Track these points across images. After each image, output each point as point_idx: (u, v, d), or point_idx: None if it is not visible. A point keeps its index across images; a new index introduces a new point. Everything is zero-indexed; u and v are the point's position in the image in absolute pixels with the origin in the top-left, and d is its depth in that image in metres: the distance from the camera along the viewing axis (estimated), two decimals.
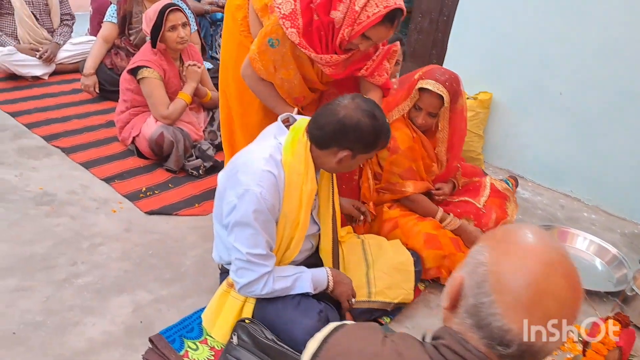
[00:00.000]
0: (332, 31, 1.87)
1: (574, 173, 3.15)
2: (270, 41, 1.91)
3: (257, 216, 1.58)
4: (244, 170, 1.63)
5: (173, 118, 2.77)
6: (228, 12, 2.22)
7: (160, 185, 2.68)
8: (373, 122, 1.60)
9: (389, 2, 1.77)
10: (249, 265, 1.62)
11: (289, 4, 1.84)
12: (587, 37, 2.86)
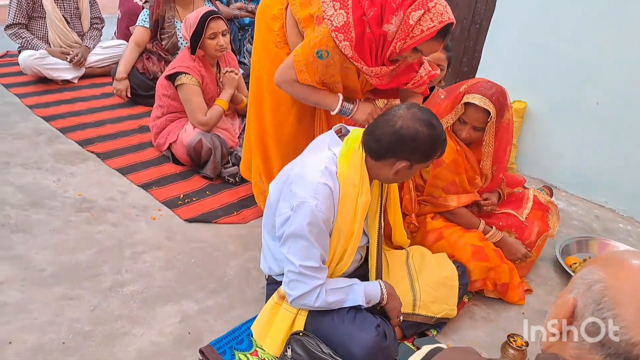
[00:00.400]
0: (383, 43, 1.85)
1: (608, 184, 3.12)
2: (319, 53, 1.87)
3: (311, 229, 1.58)
4: (298, 182, 1.62)
5: (211, 125, 2.76)
6: (261, 22, 2.14)
7: (197, 192, 2.68)
8: (431, 131, 1.58)
9: (444, 17, 1.76)
10: (302, 278, 1.61)
11: (341, 16, 1.82)
12: (625, 47, 2.83)
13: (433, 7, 1.75)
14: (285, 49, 2.09)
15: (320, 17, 1.86)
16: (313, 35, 1.90)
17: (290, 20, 2.04)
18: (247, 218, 2.53)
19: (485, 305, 2.25)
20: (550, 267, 2.57)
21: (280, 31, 2.08)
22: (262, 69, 2.16)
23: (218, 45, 2.74)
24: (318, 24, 1.88)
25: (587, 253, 2.66)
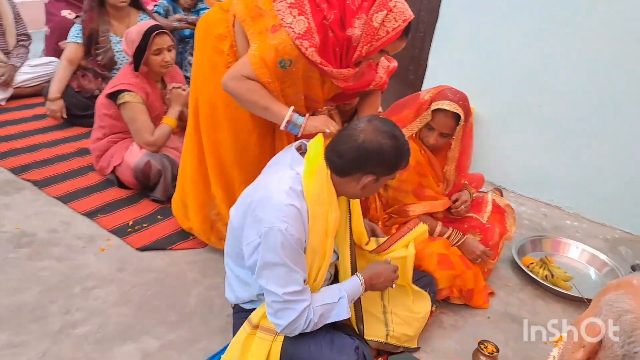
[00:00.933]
0: (348, 47, 1.81)
1: (554, 182, 3.23)
2: (282, 62, 1.79)
3: (285, 253, 1.50)
4: (263, 206, 1.54)
5: (159, 145, 2.62)
6: (207, 43, 1.98)
7: (148, 217, 2.53)
8: (394, 142, 1.56)
9: (406, 15, 1.75)
10: (288, 305, 1.53)
11: (302, 22, 1.75)
12: (564, 51, 2.95)
13: (394, 6, 1.72)
14: None
15: (277, 26, 1.78)
16: (271, 42, 1.78)
17: (242, 39, 1.93)
18: (204, 242, 2.41)
19: (453, 312, 2.25)
20: (508, 268, 2.62)
21: (230, 51, 1.96)
22: (216, 94, 2.00)
23: (164, 62, 2.62)
24: (274, 32, 1.78)
25: (542, 252, 2.74)
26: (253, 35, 1.85)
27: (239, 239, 1.64)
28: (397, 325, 1.90)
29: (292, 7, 1.76)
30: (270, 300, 1.55)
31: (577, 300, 2.38)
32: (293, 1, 1.77)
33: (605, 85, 2.89)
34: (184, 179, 2.30)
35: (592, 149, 3.05)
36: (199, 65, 2.06)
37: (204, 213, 2.27)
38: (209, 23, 2.01)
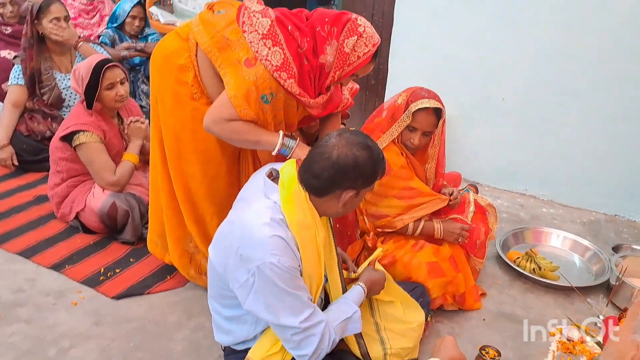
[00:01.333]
0: (320, 74, 1.79)
1: (525, 172, 3.26)
2: (264, 97, 1.74)
3: (285, 283, 1.43)
4: (247, 244, 1.46)
5: (122, 184, 2.49)
6: (167, 75, 1.89)
7: (120, 262, 2.39)
8: (369, 153, 1.51)
9: (374, 39, 1.78)
10: (309, 332, 1.47)
11: (277, 54, 1.71)
12: (522, 45, 2.98)
13: (364, 31, 1.75)
14: (203, 100, 1.90)
15: (253, 59, 1.73)
16: (249, 78, 1.73)
17: (208, 69, 1.85)
18: (183, 280, 2.28)
19: (447, 319, 2.21)
20: (494, 265, 2.60)
21: (194, 81, 1.88)
22: (180, 127, 1.92)
23: (118, 96, 2.48)
24: (249, 67, 1.73)
25: (525, 244, 2.74)
26: (223, 67, 1.78)
27: (224, 281, 1.55)
28: (393, 341, 1.83)
29: (265, 38, 1.71)
30: (289, 334, 1.47)
31: (566, 289, 2.37)
32: (265, 32, 1.72)
33: (563, 72, 2.93)
34: (158, 212, 2.19)
35: (557, 136, 3.09)
36: (160, 97, 1.96)
37: (182, 247, 2.17)
38: (168, 52, 1.91)
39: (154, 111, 2.02)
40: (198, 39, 1.82)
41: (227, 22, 1.81)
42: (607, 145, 2.98)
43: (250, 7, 1.79)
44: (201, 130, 1.89)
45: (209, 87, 1.88)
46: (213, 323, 1.74)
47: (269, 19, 1.75)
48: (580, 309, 2.31)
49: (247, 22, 1.76)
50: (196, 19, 1.89)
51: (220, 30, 1.78)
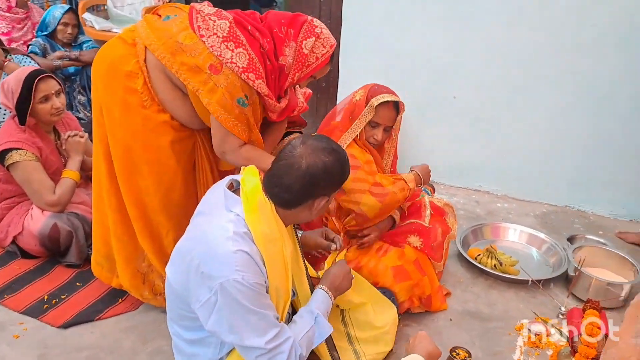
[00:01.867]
0: (279, 75, 1.76)
1: (478, 168, 3.30)
2: (240, 101, 1.68)
3: (250, 301, 1.35)
4: (209, 261, 1.37)
5: (63, 203, 2.31)
6: (114, 83, 1.78)
7: (65, 287, 2.21)
8: (337, 156, 1.49)
9: (331, 40, 1.81)
10: (275, 351, 1.39)
11: (242, 55, 1.66)
12: (471, 44, 3.00)
13: (321, 32, 1.77)
14: (154, 108, 1.79)
15: (218, 64, 1.66)
16: (220, 86, 1.67)
17: (159, 74, 1.75)
18: (136, 302, 2.14)
19: (415, 322, 2.18)
20: (456, 263, 2.59)
21: (144, 88, 1.76)
22: (130, 137, 1.80)
23: (53, 109, 2.31)
24: (216, 73, 1.66)
25: (484, 240, 2.76)
26: (182, 73, 1.69)
27: (185, 301, 1.45)
28: (367, 348, 1.81)
29: (226, 40, 1.65)
30: (254, 356, 1.39)
31: (526, 283, 2.39)
32: (225, 34, 1.66)
33: (511, 70, 2.98)
34: (104, 232, 2.05)
35: (507, 132, 3.13)
36: (105, 107, 1.82)
37: (133, 267, 2.03)
38: (113, 59, 1.79)
39: (97, 123, 1.88)
40: (148, 44, 1.72)
41: (180, 27, 1.72)
42: (554, 139, 3.05)
43: (203, 11, 1.73)
44: (153, 140, 1.81)
45: (160, 93, 1.78)
46: (173, 347, 1.63)
47: (227, 21, 1.69)
48: (542, 301, 2.34)
49: (203, 27, 1.69)
50: (142, 23, 1.80)
51: (172, 36, 1.70)
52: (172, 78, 1.74)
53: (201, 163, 1.98)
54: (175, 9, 1.82)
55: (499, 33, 2.92)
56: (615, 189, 3.03)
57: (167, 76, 1.75)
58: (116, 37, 1.86)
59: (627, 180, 2.98)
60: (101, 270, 2.12)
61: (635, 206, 3.02)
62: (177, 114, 1.83)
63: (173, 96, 1.78)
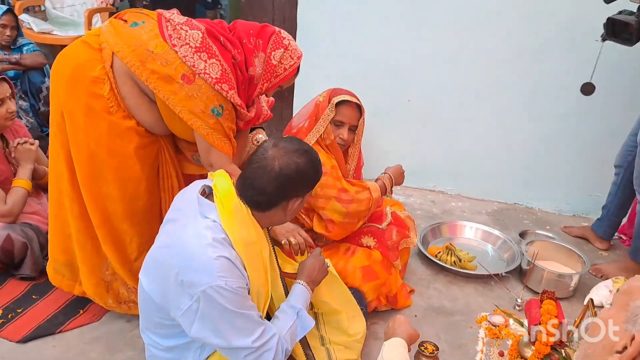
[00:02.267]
0: (249, 85, 1.79)
1: (433, 169, 3.41)
2: (214, 111, 1.68)
3: (234, 305, 1.35)
4: (189, 269, 1.35)
5: (16, 213, 2.20)
6: (79, 88, 1.72)
7: (20, 300, 2.11)
8: (309, 157, 1.50)
9: (298, 52, 1.89)
10: (262, 349, 1.40)
11: (215, 66, 1.66)
12: (426, 49, 3.10)
13: (289, 44, 1.84)
14: (119, 114, 1.75)
15: (190, 75, 1.65)
16: (195, 97, 1.67)
17: (127, 80, 1.72)
18: (99, 313, 2.07)
19: (382, 320, 2.22)
20: (417, 261, 2.67)
21: (110, 94, 1.72)
22: (94, 143, 1.75)
23: (8, 113, 2.21)
24: (189, 83, 1.65)
25: (442, 238, 2.86)
26: (152, 82, 1.68)
27: (162, 310, 1.43)
28: (339, 353, 1.82)
29: (199, 51, 1.65)
30: (242, 356, 1.39)
31: (484, 277, 2.51)
32: (198, 45, 1.66)
33: (464, 74, 3.10)
34: (63, 241, 1.98)
35: (460, 134, 3.26)
36: (68, 112, 1.76)
37: (97, 276, 1.97)
38: (78, 63, 1.74)
39: (58, 128, 1.81)
40: (116, 50, 1.69)
41: (150, 35, 1.70)
42: (504, 140, 3.20)
43: (174, 20, 1.72)
44: (118, 146, 1.78)
45: (127, 99, 1.75)
46: (148, 356, 1.59)
47: (199, 31, 1.69)
48: (499, 294, 2.45)
49: (175, 36, 1.68)
50: (108, 28, 1.75)
51: (143, 44, 1.68)
52: (139, 85, 1.72)
53: (165, 168, 1.95)
54: (142, 15, 1.79)
55: (452, 39, 3.04)
56: (560, 187, 3.21)
57: (135, 82, 1.72)
58: (79, 40, 1.81)
59: (570, 179, 3.17)
60: (62, 279, 2.04)
61: (578, 202, 3.22)
62: (143, 119, 1.80)
63: (140, 102, 1.76)
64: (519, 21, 2.92)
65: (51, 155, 1.89)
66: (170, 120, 1.79)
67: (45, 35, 4.52)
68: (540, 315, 1.93)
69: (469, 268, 2.56)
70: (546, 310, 1.95)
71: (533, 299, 2.14)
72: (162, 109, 1.76)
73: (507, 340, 2.16)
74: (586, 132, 3.03)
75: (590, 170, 3.10)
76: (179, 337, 1.45)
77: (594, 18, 2.49)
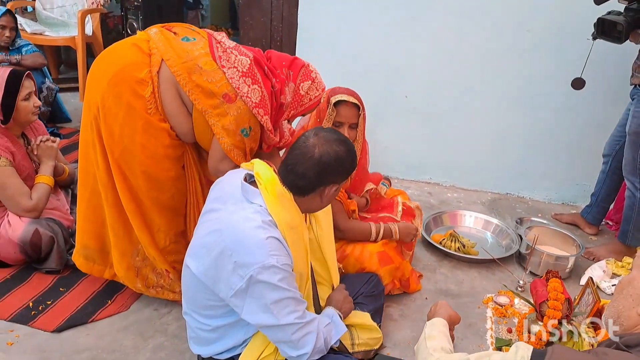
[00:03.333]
0: (278, 111, 1.93)
1: (428, 162, 3.56)
2: (243, 131, 1.83)
3: (283, 281, 1.45)
4: (241, 250, 1.44)
5: (40, 209, 2.25)
6: (124, 85, 1.81)
7: (49, 293, 2.17)
8: (347, 146, 1.59)
9: (322, 84, 2.03)
10: (306, 328, 1.51)
11: (257, 92, 1.80)
12: (421, 46, 3.25)
13: (315, 77, 1.98)
14: (156, 116, 1.85)
15: (233, 95, 1.78)
16: (230, 114, 1.80)
17: (170, 88, 1.82)
18: (127, 303, 2.15)
19: (395, 303, 2.35)
20: (422, 249, 2.81)
21: (151, 97, 1.82)
22: (131, 141, 1.85)
23: (35, 107, 2.26)
24: (229, 102, 1.78)
25: (444, 226, 3.01)
26: (193, 93, 1.80)
27: (212, 292, 1.52)
28: (361, 333, 1.92)
29: (245, 76, 1.79)
30: (290, 334, 1.48)
31: (486, 262, 2.66)
32: (245, 70, 1.79)
33: (458, 70, 3.26)
34: (94, 228, 2.06)
35: (455, 128, 3.42)
36: (107, 107, 1.83)
37: (127, 261, 2.06)
38: (126, 64, 1.82)
39: (95, 122, 1.88)
40: (166, 58, 1.80)
41: (201, 53, 1.82)
42: (497, 134, 3.37)
43: (224, 43, 1.85)
44: (149, 144, 1.87)
45: (166, 105, 1.85)
46: (191, 337, 1.68)
47: (248, 59, 1.82)
48: (501, 277, 2.60)
49: (224, 58, 1.81)
50: (159, 36, 1.85)
51: (193, 59, 1.80)
52: (181, 94, 1.83)
53: (189, 170, 2.05)
54: (192, 31, 1.90)
55: (447, 37, 3.19)
56: (550, 177, 3.40)
57: (177, 91, 1.83)
58: (129, 42, 1.89)
59: (559, 169, 3.36)
60: (92, 265, 2.11)
61: (566, 191, 3.41)
62: (177, 127, 1.91)
63: (178, 111, 1.86)
64: (512, 20, 3.08)
65: (83, 147, 1.96)
66: (200, 133, 1.91)
67: (38, 36, 4.54)
68: (548, 293, 2.08)
69: (472, 253, 2.71)
70: (553, 287, 2.10)
71: (538, 279, 2.29)
72: (196, 122, 1.88)
73: (514, 318, 2.30)
74: (574, 125, 3.22)
75: (577, 161, 3.29)
76: (226, 316, 1.55)
77: (583, 18, 2.68)
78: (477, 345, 2.14)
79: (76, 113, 4.12)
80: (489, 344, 2.16)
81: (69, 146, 3.55)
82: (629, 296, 1.02)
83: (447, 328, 1.49)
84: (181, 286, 1.66)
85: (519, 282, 2.52)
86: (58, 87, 3.98)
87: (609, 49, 2.59)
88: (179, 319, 2.10)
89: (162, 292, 2.11)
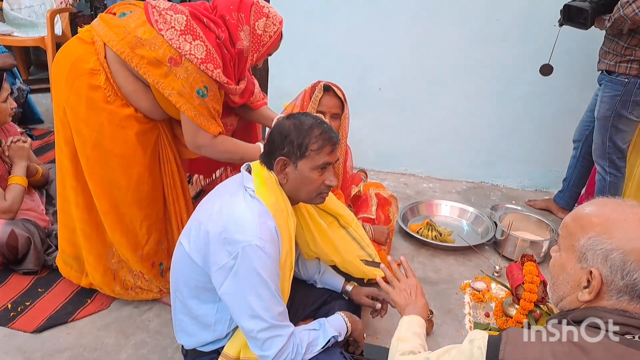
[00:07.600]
0: (239, 60, 1.87)
1: (403, 154, 3.61)
2: (199, 92, 1.75)
3: (266, 272, 1.43)
4: (235, 227, 1.44)
5: (15, 210, 2.22)
6: (78, 82, 1.79)
7: (27, 294, 2.14)
8: (295, 121, 1.57)
9: (278, 17, 1.94)
10: (275, 331, 1.44)
11: (200, 47, 1.72)
12: (393, 39, 3.29)
13: (269, 12, 1.89)
14: (117, 102, 1.83)
15: (177, 57, 1.72)
16: (180, 78, 1.74)
17: (120, 68, 1.79)
18: (107, 301, 2.13)
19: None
20: (399, 238, 2.85)
21: (107, 84, 1.80)
22: (97, 133, 1.82)
23: (11, 109, 2.23)
24: (176, 65, 1.72)
25: (421, 216, 3.06)
26: (141, 67, 1.74)
27: (202, 272, 1.50)
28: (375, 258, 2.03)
29: (184, 33, 1.72)
30: (257, 329, 1.43)
31: (462, 249, 2.72)
32: (183, 27, 1.73)
33: (430, 62, 3.31)
34: (69, 234, 2.04)
35: (428, 119, 3.47)
36: (70, 106, 1.82)
37: (104, 264, 2.04)
38: (74, 58, 1.80)
39: (61, 125, 1.88)
40: (107, 40, 1.76)
41: (138, 22, 1.77)
42: (469, 123, 3.44)
43: (159, 6, 1.79)
44: (120, 133, 1.85)
45: (123, 87, 1.82)
46: (177, 328, 1.67)
47: (184, 15, 1.76)
48: (477, 264, 2.66)
49: (161, 20, 1.75)
50: (98, 22, 1.83)
51: (131, 31, 1.75)
52: (133, 72, 1.79)
53: (164, 152, 2.02)
54: (129, 5, 1.87)
55: (418, 29, 3.24)
56: (521, 164, 3.48)
57: (128, 70, 1.79)
58: (74, 38, 1.88)
59: (530, 156, 3.45)
60: (70, 271, 2.10)
61: (539, 178, 3.50)
62: (141, 105, 1.87)
63: (135, 88, 1.82)
64: (480, 9, 3.14)
65: (57, 150, 1.95)
66: (165, 103, 1.85)
67: (6, 37, 4.45)
68: (523, 276, 2.13)
69: (449, 241, 2.76)
70: (528, 270, 2.15)
71: (513, 263, 2.35)
72: (157, 94, 1.83)
73: (491, 303, 2.36)
74: (544, 112, 3.30)
75: (549, 147, 3.38)
76: (210, 302, 1.55)
77: (550, 4, 2.75)
78: (456, 331, 2.19)
79: (47, 114, 4.05)
80: (467, 328, 2.21)
81: (42, 147, 3.50)
82: (566, 283, 1.04)
83: (424, 328, 1.43)
84: (170, 265, 1.65)
85: (495, 267, 2.58)
86: (29, 88, 3.92)
87: (576, 35, 2.67)
88: (159, 315, 2.10)
89: (141, 293, 2.11)
